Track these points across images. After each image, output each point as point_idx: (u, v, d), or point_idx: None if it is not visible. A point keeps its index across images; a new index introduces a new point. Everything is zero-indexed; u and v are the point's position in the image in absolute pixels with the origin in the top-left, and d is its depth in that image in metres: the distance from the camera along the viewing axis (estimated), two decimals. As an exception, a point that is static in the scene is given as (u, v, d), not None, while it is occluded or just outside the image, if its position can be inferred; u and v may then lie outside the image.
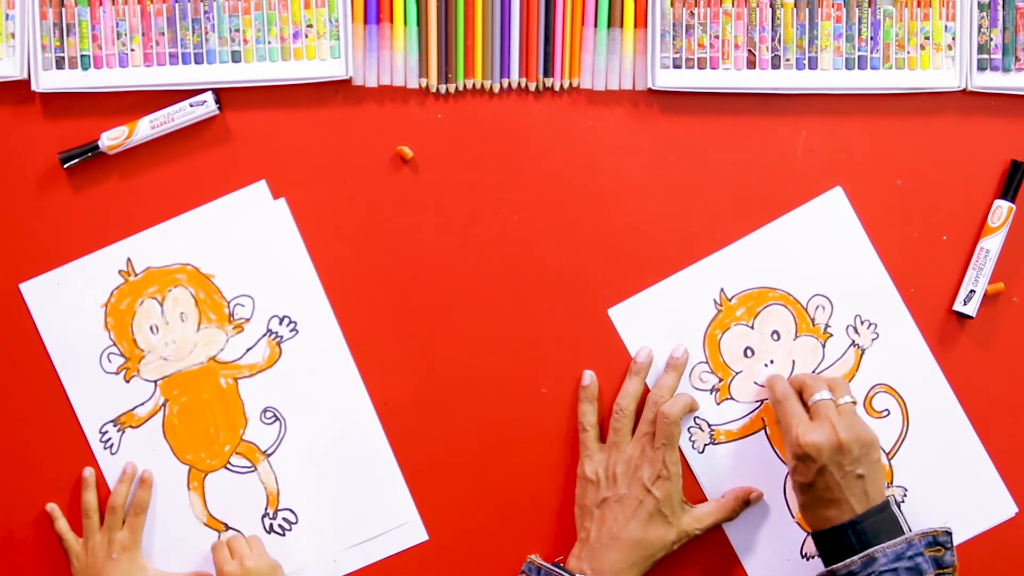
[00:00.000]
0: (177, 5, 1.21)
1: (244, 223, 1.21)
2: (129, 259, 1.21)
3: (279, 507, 1.22)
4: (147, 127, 1.20)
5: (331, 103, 1.22)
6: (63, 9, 1.20)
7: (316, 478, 1.21)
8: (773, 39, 1.21)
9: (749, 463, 1.21)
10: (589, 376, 1.21)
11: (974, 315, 1.21)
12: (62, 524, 1.20)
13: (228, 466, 1.22)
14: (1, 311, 1.21)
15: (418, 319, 1.22)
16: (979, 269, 1.20)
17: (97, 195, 1.22)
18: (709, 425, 1.21)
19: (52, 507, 1.20)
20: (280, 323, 1.21)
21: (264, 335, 1.22)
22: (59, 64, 1.20)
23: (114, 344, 1.21)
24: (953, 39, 1.21)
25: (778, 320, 1.22)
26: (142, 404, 1.21)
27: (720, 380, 1.22)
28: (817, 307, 1.22)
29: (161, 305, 1.21)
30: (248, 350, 1.22)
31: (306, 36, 1.21)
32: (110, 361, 1.21)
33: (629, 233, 1.22)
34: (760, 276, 1.22)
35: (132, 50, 1.21)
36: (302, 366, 1.22)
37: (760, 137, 1.22)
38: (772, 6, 1.21)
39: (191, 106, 1.20)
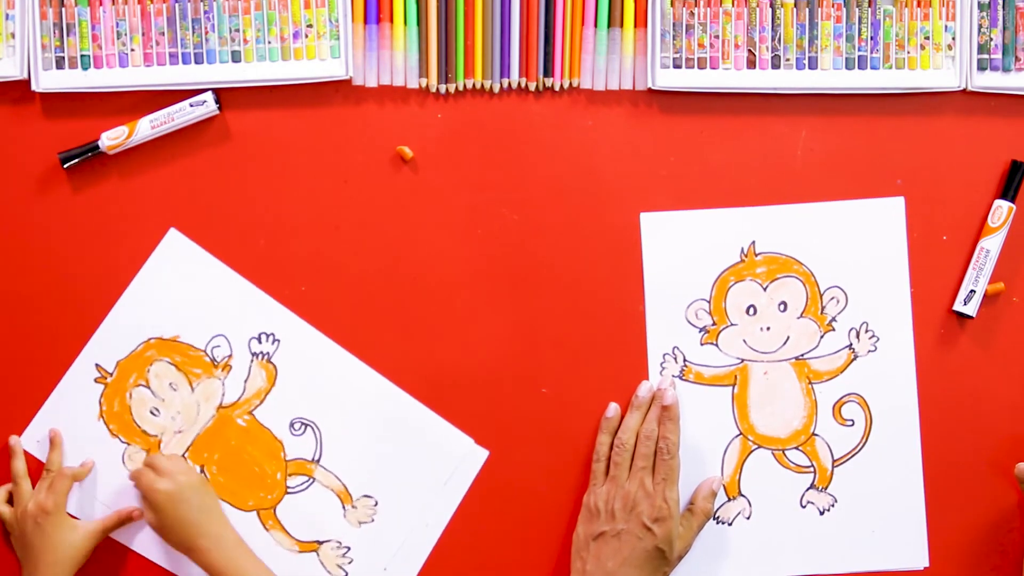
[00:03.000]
0: (177, 5, 1.21)
1: (177, 276, 1.21)
2: (97, 364, 1.21)
3: (354, 498, 1.21)
4: (147, 127, 1.20)
5: (331, 103, 1.22)
6: (63, 9, 1.20)
7: (372, 458, 1.21)
8: (773, 39, 1.21)
9: (706, 412, 1.21)
10: (613, 409, 1.20)
11: (974, 315, 1.21)
12: None
13: (289, 491, 1.22)
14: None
15: (418, 319, 1.22)
16: (979, 269, 1.20)
17: (97, 195, 1.22)
18: (685, 360, 1.21)
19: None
20: (260, 342, 1.22)
21: (251, 360, 1.22)
22: (59, 64, 1.20)
23: (129, 444, 1.21)
24: (953, 39, 1.21)
25: (792, 293, 1.22)
26: None
27: (713, 324, 1.21)
28: (832, 298, 1.22)
29: (149, 387, 1.21)
30: (246, 381, 1.22)
31: (306, 36, 1.21)
32: (133, 460, 1.21)
33: (629, 233, 1.22)
34: (794, 246, 1.22)
35: (132, 50, 1.21)
36: (301, 369, 1.22)
37: (760, 137, 1.22)
38: (772, 6, 1.21)
39: (191, 106, 1.20)
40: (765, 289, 1.22)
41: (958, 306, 1.21)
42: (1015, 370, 1.22)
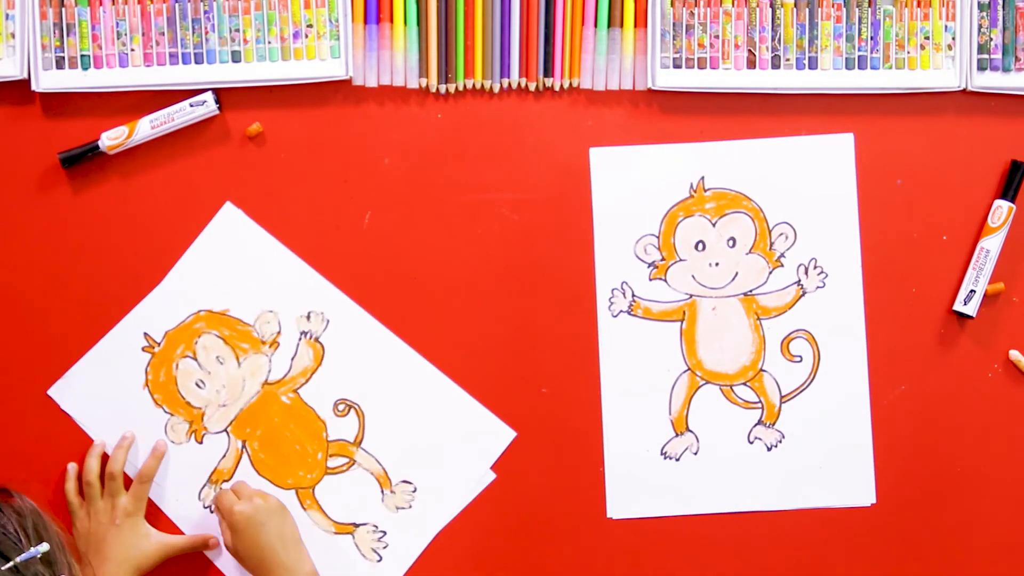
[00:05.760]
0: (177, 5, 1.21)
1: (229, 251, 1.21)
2: (145, 333, 1.21)
3: (393, 483, 1.22)
4: (147, 127, 1.20)
5: (331, 103, 1.22)
6: (63, 9, 1.20)
7: (412, 443, 1.21)
8: (773, 39, 1.21)
9: (654, 347, 1.21)
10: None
11: (974, 315, 1.21)
12: (70, 486, 1.20)
13: (328, 471, 1.22)
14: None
15: (417, 319, 1.22)
16: (979, 269, 1.21)
17: (97, 195, 1.22)
18: (633, 294, 1.22)
19: (71, 466, 1.20)
20: (308, 320, 1.21)
21: (300, 338, 1.22)
22: (59, 64, 1.20)
23: (172, 415, 1.21)
24: (953, 39, 1.21)
25: (741, 229, 1.22)
26: (224, 456, 1.21)
27: (663, 259, 1.22)
28: (781, 234, 1.22)
29: (195, 359, 1.21)
30: (292, 359, 1.22)
31: (306, 36, 1.21)
32: (175, 431, 1.21)
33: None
34: (742, 181, 1.22)
35: (132, 50, 1.21)
36: (349, 350, 1.22)
37: (760, 137, 1.22)
38: (772, 6, 1.21)
39: (191, 106, 1.20)
40: (714, 225, 1.22)
41: (958, 306, 1.21)
42: (1015, 370, 1.22)
